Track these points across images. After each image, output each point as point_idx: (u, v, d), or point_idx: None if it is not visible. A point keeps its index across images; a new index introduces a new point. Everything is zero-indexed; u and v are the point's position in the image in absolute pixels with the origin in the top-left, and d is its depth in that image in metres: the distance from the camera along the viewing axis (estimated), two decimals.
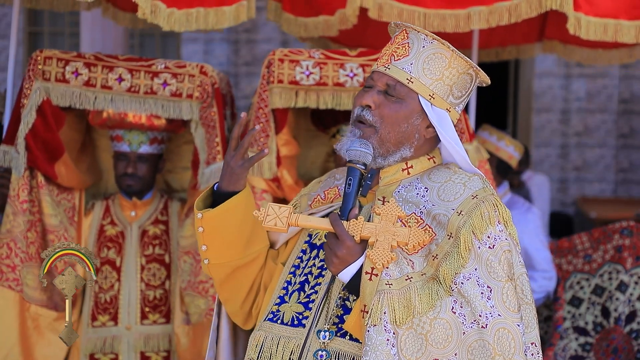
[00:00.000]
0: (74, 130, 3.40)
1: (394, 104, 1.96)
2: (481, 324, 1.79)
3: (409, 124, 1.97)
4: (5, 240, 3.14)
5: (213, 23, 3.12)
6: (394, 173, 2.01)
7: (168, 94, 3.20)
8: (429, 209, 1.93)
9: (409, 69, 1.96)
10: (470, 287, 1.81)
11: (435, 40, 1.98)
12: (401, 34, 2.01)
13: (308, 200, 2.15)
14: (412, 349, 1.77)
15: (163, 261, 3.40)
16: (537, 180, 6.76)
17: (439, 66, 1.97)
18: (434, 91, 1.97)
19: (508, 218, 1.93)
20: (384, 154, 1.98)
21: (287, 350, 1.92)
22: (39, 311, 3.20)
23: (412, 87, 1.96)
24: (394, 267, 1.85)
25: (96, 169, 3.58)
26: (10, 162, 3.17)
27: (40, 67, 3.19)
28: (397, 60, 1.98)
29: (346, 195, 1.92)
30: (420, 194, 1.97)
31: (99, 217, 3.45)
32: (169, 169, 3.64)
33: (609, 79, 7.77)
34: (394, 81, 1.97)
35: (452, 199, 1.93)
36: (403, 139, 1.98)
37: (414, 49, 1.97)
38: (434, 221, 1.91)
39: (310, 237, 2.07)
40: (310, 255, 2.04)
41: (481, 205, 1.90)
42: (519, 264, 1.90)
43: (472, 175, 1.99)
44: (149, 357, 3.34)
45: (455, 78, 1.99)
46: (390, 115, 1.96)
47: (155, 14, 2.98)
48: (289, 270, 2.05)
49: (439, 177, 2.00)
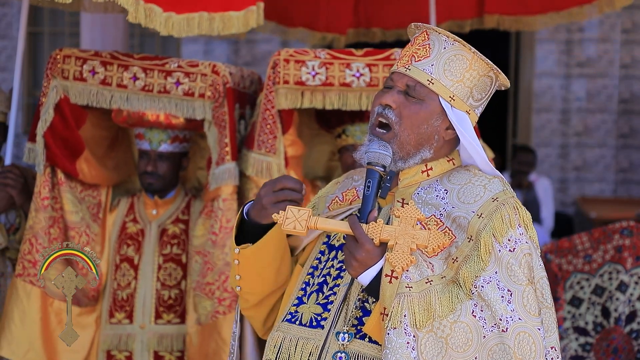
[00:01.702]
0: (100, 128, 3.40)
1: (414, 104, 1.95)
2: (502, 328, 1.79)
3: (428, 125, 1.96)
4: (28, 236, 3.17)
5: (219, 29, 3.02)
6: (414, 175, 2.00)
7: (181, 93, 3.19)
8: (449, 212, 1.92)
9: (429, 70, 1.95)
10: (491, 291, 1.81)
11: (456, 42, 1.97)
12: (422, 35, 2.00)
13: (326, 202, 2.14)
14: (433, 353, 1.77)
15: (180, 261, 3.38)
16: (542, 184, 6.78)
17: (459, 68, 1.96)
18: (454, 93, 1.96)
19: (528, 221, 1.93)
20: (404, 157, 1.97)
21: (305, 352, 1.91)
22: (62, 306, 3.22)
23: (432, 88, 1.95)
24: (413, 269, 1.84)
25: (128, 166, 3.57)
26: (34, 159, 3.19)
27: (60, 66, 3.20)
28: (417, 61, 1.97)
29: (365, 198, 1.91)
30: (440, 196, 1.96)
31: (122, 214, 3.45)
32: (200, 166, 3.62)
33: (609, 79, 7.77)
34: (414, 82, 1.96)
35: (472, 201, 1.92)
36: (423, 141, 1.97)
37: (435, 50, 1.97)
38: (453, 224, 1.91)
39: (328, 238, 2.07)
40: (328, 257, 2.03)
41: (502, 208, 1.89)
42: (539, 267, 1.90)
43: (492, 177, 1.99)
44: (162, 356, 3.34)
45: (475, 80, 1.99)
46: (410, 115, 1.95)
47: (151, 18, 2.87)
48: (307, 271, 2.04)
49: (458, 179, 1.99)
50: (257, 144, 3.16)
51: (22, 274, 3.17)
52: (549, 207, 6.77)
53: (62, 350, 3.23)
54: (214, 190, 3.19)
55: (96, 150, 3.34)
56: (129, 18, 2.84)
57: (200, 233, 3.26)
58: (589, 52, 7.74)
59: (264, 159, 3.15)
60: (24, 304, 3.16)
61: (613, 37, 7.68)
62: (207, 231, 3.22)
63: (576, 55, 7.73)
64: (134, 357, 3.33)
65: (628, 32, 7.72)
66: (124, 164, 3.55)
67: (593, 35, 7.70)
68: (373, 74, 3.12)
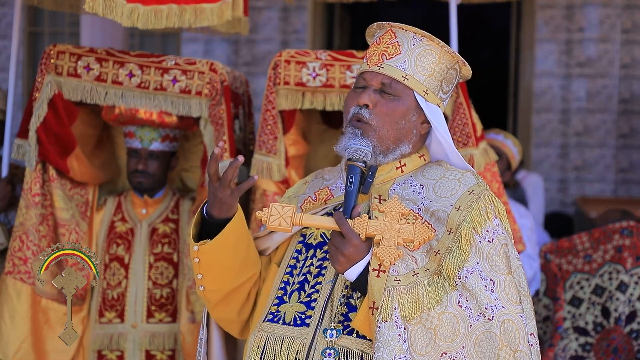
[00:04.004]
0: (89, 126, 3.40)
1: (391, 101, 1.99)
2: (487, 317, 1.83)
3: (406, 120, 2.00)
4: (18, 233, 3.16)
5: (190, 21, 2.97)
6: (388, 171, 2.04)
7: (177, 90, 3.19)
8: (427, 206, 1.96)
9: (402, 67, 1.99)
10: (474, 281, 1.85)
11: (424, 37, 2.02)
12: (387, 34, 2.04)
13: (297, 202, 2.15)
14: (422, 344, 1.80)
15: (171, 260, 3.39)
16: (531, 180, 6.75)
17: (430, 62, 2.01)
18: (427, 87, 2.01)
19: (503, 212, 1.98)
20: (384, 152, 2.00)
21: (292, 350, 1.92)
22: (49, 305, 3.21)
23: (407, 84, 1.99)
24: (400, 263, 1.88)
25: (112, 165, 3.58)
26: (23, 155, 3.18)
27: (53, 61, 3.20)
28: (389, 59, 2.00)
29: (348, 194, 1.93)
30: (416, 191, 2.00)
31: (110, 213, 3.45)
32: (185, 168, 3.63)
33: (609, 79, 7.76)
34: (389, 79, 1.99)
35: (449, 194, 1.97)
36: (401, 136, 2.01)
37: (405, 47, 2.00)
38: (432, 217, 1.95)
39: (304, 237, 2.08)
40: (306, 255, 2.04)
41: (478, 200, 1.94)
42: (515, 257, 1.95)
43: (464, 171, 2.04)
44: (154, 355, 3.34)
45: (444, 73, 2.04)
46: (389, 112, 1.99)
47: (110, 8, 2.79)
48: (285, 270, 2.05)
49: (432, 174, 2.03)
50: (258, 144, 3.17)
51: (12, 271, 3.16)
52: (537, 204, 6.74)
53: (50, 349, 3.22)
54: None
55: (85, 148, 3.34)
56: (85, 7, 2.75)
57: None
58: (589, 52, 7.73)
59: (264, 159, 3.16)
60: (14, 302, 3.15)
61: (613, 37, 7.67)
62: None
63: (576, 55, 7.72)
64: (126, 357, 3.33)
65: (628, 32, 7.71)
66: (109, 164, 3.55)
67: (593, 35, 7.69)
68: None
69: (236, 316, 2.12)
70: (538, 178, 6.83)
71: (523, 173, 6.78)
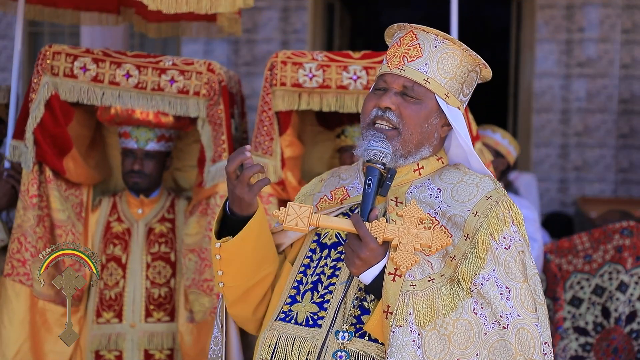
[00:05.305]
0: (83, 126, 3.40)
1: (414, 104, 1.97)
2: (502, 325, 1.81)
3: (429, 123, 1.99)
4: (17, 235, 3.16)
5: (207, 7, 3.04)
6: (406, 173, 2.02)
7: (175, 91, 3.19)
8: (444, 210, 1.94)
9: (424, 70, 1.97)
10: (490, 288, 1.83)
11: (446, 39, 1.99)
12: (408, 35, 2.01)
13: (313, 200, 2.13)
14: (436, 350, 1.79)
15: (168, 259, 3.39)
16: (524, 180, 6.74)
17: (451, 65, 1.99)
18: (448, 90, 1.99)
19: (521, 219, 1.96)
20: (405, 155, 1.99)
21: (303, 351, 1.91)
22: (46, 306, 3.21)
23: (429, 87, 1.97)
24: (416, 268, 1.86)
25: (105, 166, 3.58)
26: (19, 156, 3.18)
27: (49, 62, 3.19)
28: (411, 61, 1.98)
29: (366, 196, 1.91)
30: (433, 195, 1.98)
31: (105, 213, 3.45)
32: (177, 168, 3.63)
33: (609, 79, 7.76)
34: (410, 82, 1.97)
35: (467, 199, 1.94)
36: (424, 139, 1.99)
37: (427, 50, 1.98)
38: (449, 222, 1.93)
39: (319, 237, 2.06)
40: (321, 255, 2.03)
41: (496, 206, 1.92)
42: (531, 265, 1.92)
43: (482, 176, 2.01)
44: (152, 354, 3.34)
45: (465, 76, 2.01)
46: (412, 116, 1.97)
47: None
48: (298, 269, 2.04)
49: (450, 177, 2.01)
50: (254, 145, 3.17)
51: (10, 273, 3.15)
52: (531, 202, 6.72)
53: (48, 351, 3.22)
54: (210, 187, 3.20)
55: (80, 149, 3.34)
56: None
57: (194, 231, 3.26)
58: (589, 52, 7.73)
59: (260, 160, 3.15)
60: (13, 304, 3.15)
61: (613, 37, 7.67)
62: (203, 229, 3.22)
63: (576, 56, 7.72)
64: (124, 356, 3.33)
65: (628, 32, 7.71)
66: (102, 164, 3.55)
67: (593, 36, 7.69)
68: (370, 77, 3.13)
69: (252, 314, 2.11)
70: (531, 178, 6.82)
71: (515, 173, 6.78)
